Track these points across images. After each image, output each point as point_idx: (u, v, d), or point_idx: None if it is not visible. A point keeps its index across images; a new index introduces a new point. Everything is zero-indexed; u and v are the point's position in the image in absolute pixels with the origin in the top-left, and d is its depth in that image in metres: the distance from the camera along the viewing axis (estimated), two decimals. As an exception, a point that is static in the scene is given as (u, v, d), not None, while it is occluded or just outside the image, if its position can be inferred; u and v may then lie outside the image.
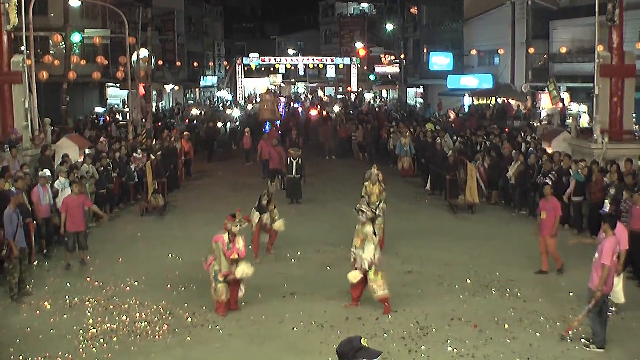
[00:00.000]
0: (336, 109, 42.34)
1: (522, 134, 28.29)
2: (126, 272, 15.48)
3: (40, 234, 16.77)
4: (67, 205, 16.08)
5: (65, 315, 12.84)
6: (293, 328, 12.14)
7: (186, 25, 69.49)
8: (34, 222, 16.15)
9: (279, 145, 27.78)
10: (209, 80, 78.19)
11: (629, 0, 27.22)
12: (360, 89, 70.04)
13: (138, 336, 11.82)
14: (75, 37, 38.45)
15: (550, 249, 14.97)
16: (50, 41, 41.16)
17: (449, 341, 11.39)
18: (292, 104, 62.04)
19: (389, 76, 67.78)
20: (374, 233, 13.04)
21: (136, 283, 14.72)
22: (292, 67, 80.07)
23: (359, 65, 67.37)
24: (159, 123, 41.19)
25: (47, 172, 18.03)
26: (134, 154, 24.23)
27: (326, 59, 70.65)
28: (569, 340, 11.34)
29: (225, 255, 12.72)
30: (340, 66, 70.97)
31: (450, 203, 22.24)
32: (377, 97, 72.64)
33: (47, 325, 12.34)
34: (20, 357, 10.93)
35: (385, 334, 11.67)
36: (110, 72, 43.80)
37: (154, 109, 44.40)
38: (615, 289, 11.93)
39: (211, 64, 79.79)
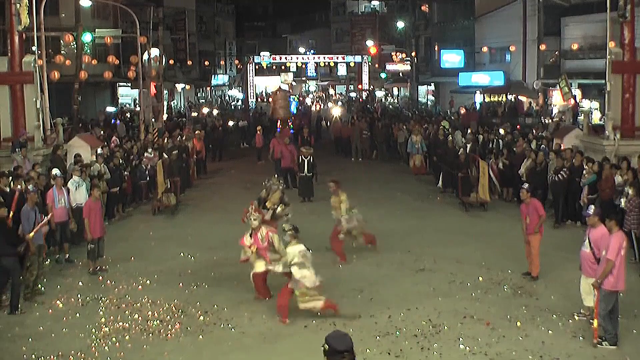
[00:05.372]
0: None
1: (534, 131, 28.16)
2: (138, 270, 15.53)
3: (55, 239, 16.37)
4: (89, 210, 15.48)
5: (77, 314, 12.89)
6: (305, 326, 12.13)
7: (197, 24, 69.61)
8: (49, 226, 15.85)
9: (291, 144, 27.75)
10: (220, 79, 78.34)
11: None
12: (372, 87, 70.02)
13: (150, 335, 11.85)
14: (87, 37, 38.49)
15: (534, 250, 14.39)
16: (61, 41, 41.25)
17: (461, 339, 11.36)
18: (304, 101, 62.09)
19: (400, 74, 67.82)
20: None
21: (148, 282, 14.77)
22: (303, 66, 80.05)
23: (370, 64, 67.29)
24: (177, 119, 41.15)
25: (58, 171, 17.76)
26: (146, 153, 24.29)
27: (337, 57, 70.57)
28: (581, 339, 11.31)
29: (251, 250, 13.07)
30: (352, 64, 70.93)
31: (462, 201, 22.20)
32: (389, 95, 72.67)
33: (59, 324, 12.39)
34: (33, 356, 10.98)
35: (397, 332, 11.65)
36: (121, 71, 43.96)
37: (165, 109, 44.55)
38: (584, 293, 11.86)
39: (222, 62, 79.95)
